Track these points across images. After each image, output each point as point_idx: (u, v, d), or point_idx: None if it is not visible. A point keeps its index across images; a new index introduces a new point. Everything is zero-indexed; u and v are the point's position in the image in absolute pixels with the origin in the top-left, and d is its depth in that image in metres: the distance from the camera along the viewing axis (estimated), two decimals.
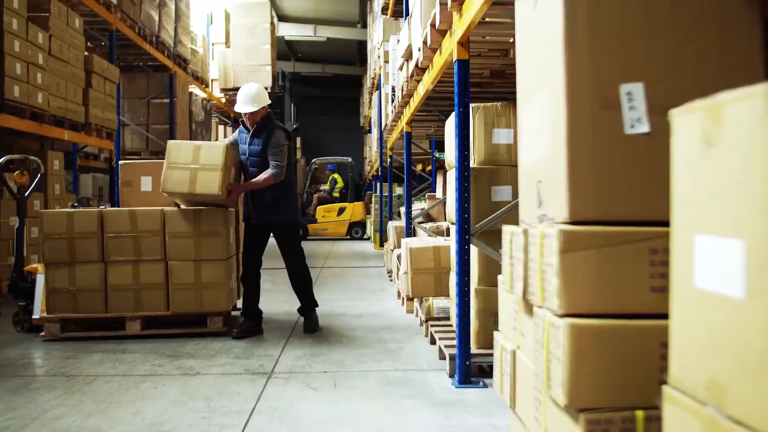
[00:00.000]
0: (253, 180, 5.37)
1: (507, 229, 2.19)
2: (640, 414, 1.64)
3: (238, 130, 5.69)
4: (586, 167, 1.73)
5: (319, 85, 27.92)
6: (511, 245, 2.13)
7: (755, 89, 1.08)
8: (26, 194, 6.04)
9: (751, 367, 1.09)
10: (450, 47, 4.29)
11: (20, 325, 5.64)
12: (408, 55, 6.47)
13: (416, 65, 5.72)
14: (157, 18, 11.52)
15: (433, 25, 4.56)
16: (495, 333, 2.60)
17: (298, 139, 21.05)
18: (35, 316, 5.47)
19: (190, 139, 13.28)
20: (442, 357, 4.52)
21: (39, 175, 6.26)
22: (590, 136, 1.73)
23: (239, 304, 6.38)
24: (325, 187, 17.66)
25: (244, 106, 5.40)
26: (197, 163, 5.07)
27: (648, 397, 1.61)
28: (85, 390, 4.00)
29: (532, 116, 2.03)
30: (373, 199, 15.88)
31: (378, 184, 15.48)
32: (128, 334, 5.29)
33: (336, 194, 17.23)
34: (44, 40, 8.03)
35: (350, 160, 17.65)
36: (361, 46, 22.40)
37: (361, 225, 17.08)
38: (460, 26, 3.97)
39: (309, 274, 5.80)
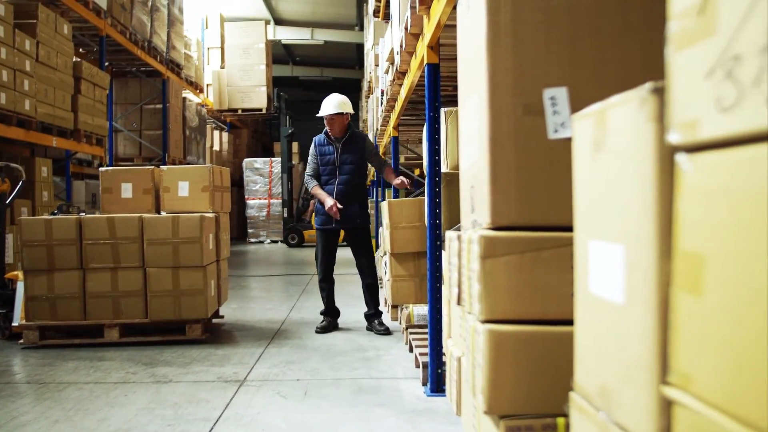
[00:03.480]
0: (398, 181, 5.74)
1: (447, 235, 2.18)
2: (561, 421, 1.62)
3: (315, 145, 5.94)
4: (508, 172, 1.71)
5: (318, 89, 27.85)
6: (449, 250, 2.11)
7: (632, 94, 1.06)
8: (7, 202, 6.04)
9: (631, 373, 1.08)
10: (422, 51, 4.28)
11: (0, 333, 5.63)
12: (391, 59, 6.46)
13: (396, 69, 5.72)
14: (148, 23, 11.53)
15: (406, 29, 4.56)
16: (447, 340, 2.58)
17: (295, 144, 20.99)
18: (15, 323, 5.47)
19: (184, 145, 13.29)
20: (418, 365, 4.50)
21: (21, 183, 6.25)
22: (513, 142, 1.71)
23: (221, 311, 6.38)
24: None
25: (331, 109, 5.69)
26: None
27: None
28: (55, 397, 3.99)
29: (466, 120, 2.02)
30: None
31: (375, 189, 15.40)
32: (107, 341, 5.27)
33: None
34: (32, 47, 8.04)
35: None
36: (360, 49, 22.35)
37: None
38: (428, 30, 3.96)
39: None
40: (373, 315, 5.96)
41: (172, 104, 12.59)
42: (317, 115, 5.82)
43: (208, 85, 16.07)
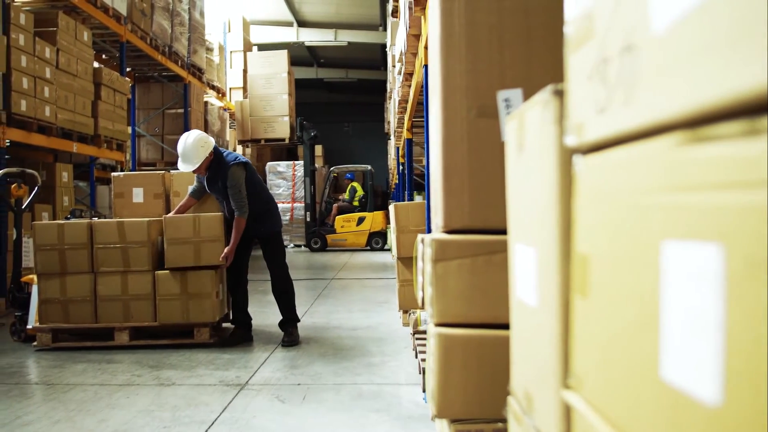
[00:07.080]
0: (233, 235, 5.40)
1: (417, 238, 2.17)
2: None
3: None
4: (462, 175, 1.70)
5: (343, 90, 27.86)
6: (416, 253, 2.11)
7: (539, 96, 1.06)
8: (23, 207, 6.15)
9: (543, 377, 1.07)
10: (421, 52, 4.28)
11: (17, 335, 5.74)
12: (402, 60, 6.46)
13: (404, 70, 5.73)
14: (169, 28, 11.67)
15: (407, 29, 4.56)
16: (428, 343, 2.58)
17: (319, 147, 21.00)
18: (29, 326, 5.56)
19: None
20: (420, 371, 4.48)
21: (37, 188, 6.37)
22: (466, 144, 1.71)
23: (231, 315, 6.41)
24: (345, 196, 17.36)
25: (184, 166, 5.39)
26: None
27: None
28: (60, 398, 4.05)
29: (432, 123, 2.01)
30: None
31: (398, 193, 15.29)
32: (117, 344, 5.34)
33: (356, 203, 16.91)
34: (51, 55, 8.18)
35: (369, 167, 17.27)
36: (384, 50, 22.30)
37: (382, 235, 16.67)
38: (425, 31, 3.95)
39: (292, 284, 5.81)
40: (284, 323, 5.73)
41: (194, 109, 12.72)
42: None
43: (231, 88, 16.19)
